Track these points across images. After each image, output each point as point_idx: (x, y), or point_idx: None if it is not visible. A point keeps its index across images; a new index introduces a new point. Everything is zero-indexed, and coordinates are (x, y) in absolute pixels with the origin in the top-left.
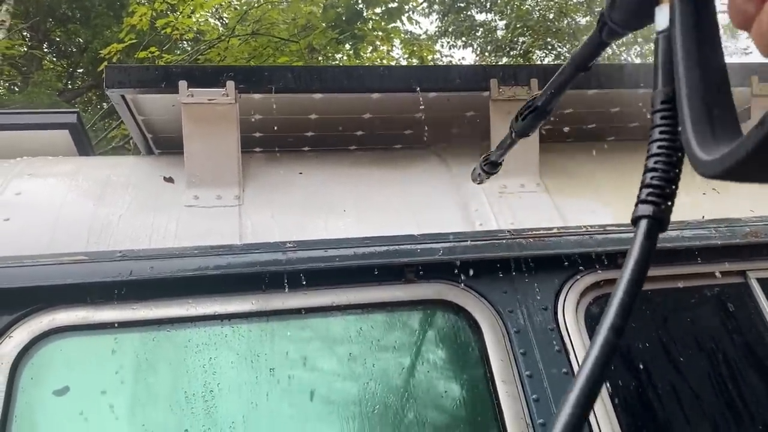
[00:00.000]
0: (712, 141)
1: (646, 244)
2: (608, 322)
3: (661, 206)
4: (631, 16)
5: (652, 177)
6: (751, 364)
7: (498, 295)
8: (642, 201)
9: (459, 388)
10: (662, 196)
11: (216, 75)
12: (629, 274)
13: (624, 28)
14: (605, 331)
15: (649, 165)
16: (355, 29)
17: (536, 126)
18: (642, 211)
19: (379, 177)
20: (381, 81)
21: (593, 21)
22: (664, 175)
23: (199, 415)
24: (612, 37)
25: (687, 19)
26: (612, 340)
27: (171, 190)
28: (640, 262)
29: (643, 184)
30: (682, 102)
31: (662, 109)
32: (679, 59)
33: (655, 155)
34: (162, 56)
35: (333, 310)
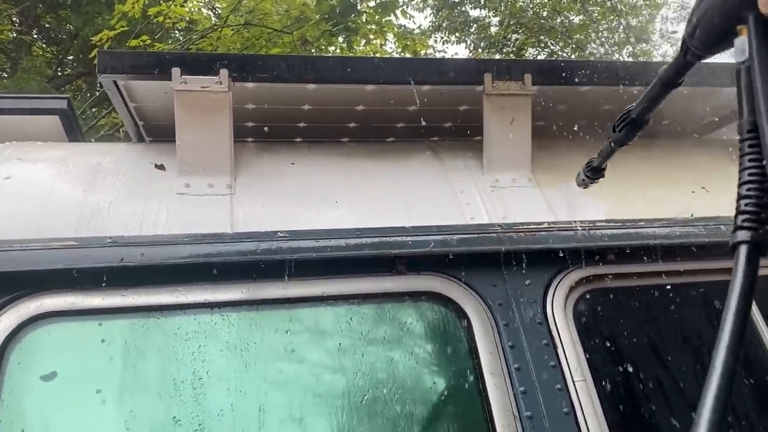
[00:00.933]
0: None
1: (748, 269)
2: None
3: (759, 231)
4: (710, 43)
5: (746, 204)
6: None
7: (488, 288)
8: (739, 227)
9: (447, 380)
10: (758, 221)
11: (210, 63)
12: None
13: (705, 52)
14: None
15: (742, 192)
16: (348, 22)
17: (634, 136)
18: (741, 237)
19: (372, 169)
20: (376, 72)
21: (586, 20)
22: (757, 201)
23: (188, 403)
24: (695, 59)
25: (764, 51)
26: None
27: (162, 178)
28: (744, 287)
29: (738, 211)
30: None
31: (749, 138)
32: (759, 94)
33: (746, 183)
34: (154, 45)
35: (323, 300)
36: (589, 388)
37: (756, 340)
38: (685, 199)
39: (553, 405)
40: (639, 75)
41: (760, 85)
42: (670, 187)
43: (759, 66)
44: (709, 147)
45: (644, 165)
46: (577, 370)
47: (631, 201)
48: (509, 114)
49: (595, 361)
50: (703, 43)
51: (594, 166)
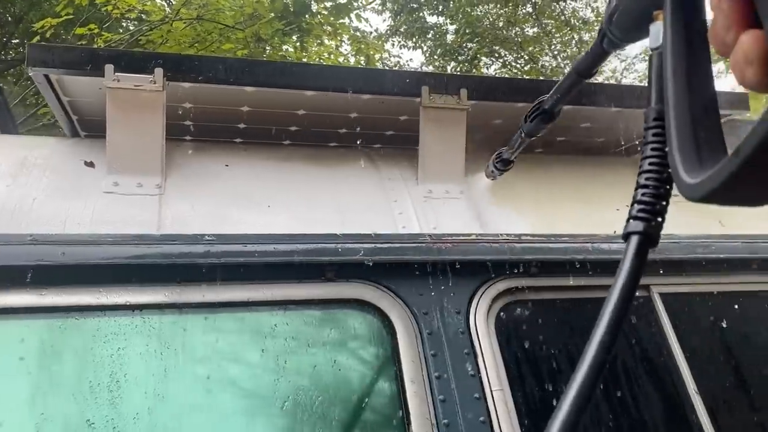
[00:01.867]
0: (698, 164)
1: (636, 260)
2: (597, 338)
3: (652, 222)
4: (628, 29)
5: (643, 193)
6: (648, 374)
7: (414, 297)
8: (633, 217)
9: (369, 387)
10: (653, 213)
11: (144, 61)
12: (619, 290)
13: (622, 40)
14: (595, 347)
15: (640, 181)
16: (302, 22)
17: (543, 127)
18: (633, 227)
19: (307, 174)
20: (314, 80)
21: (540, 33)
22: (654, 191)
23: (103, 406)
24: (612, 47)
25: (677, 37)
26: (601, 357)
27: (91, 175)
28: (630, 277)
29: (634, 200)
30: (669, 123)
31: (654, 126)
32: (668, 79)
33: (646, 171)
34: (102, 34)
35: (249, 306)
36: (506, 397)
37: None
38: (610, 216)
39: (470, 413)
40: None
41: (669, 71)
42: (597, 204)
43: (670, 52)
44: (636, 168)
45: (573, 182)
46: (495, 379)
47: (558, 216)
48: (444, 127)
49: (513, 371)
50: (621, 30)
51: (504, 157)
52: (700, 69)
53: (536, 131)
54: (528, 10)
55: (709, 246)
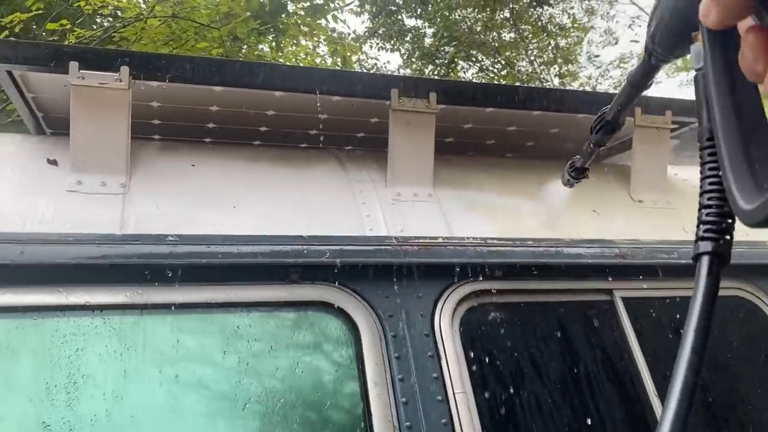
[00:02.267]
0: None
1: (710, 281)
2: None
3: (720, 241)
4: (671, 48)
5: (707, 213)
6: (609, 377)
7: (380, 300)
8: (701, 238)
9: (332, 390)
10: (720, 231)
11: (110, 59)
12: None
13: (668, 56)
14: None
15: (703, 202)
16: (278, 22)
17: (609, 137)
18: (702, 248)
19: (275, 174)
20: (283, 80)
21: (517, 38)
22: (718, 210)
23: (60, 408)
24: (660, 62)
25: (717, 60)
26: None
27: (54, 174)
28: (707, 298)
29: (699, 221)
30: (720, 146)
31: (708, 146)
32: (713, 101)
33: (707, 192)
34: (74, 30)
35: (212, 307)
36: (469, 400)
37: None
38: (577, 220)
39: (432, 416)
40: (541, 99)
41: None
42: (563, 208)
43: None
44: (605, 173)
45: (541, 186)
46: (458, 382)
47: (525, 220)
48: (414, 130)
49: (476, 373)
50: (664, 48)
51: (577, 166)
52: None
53: (603, 141)
54: (505, 15)
55: (672, 251)
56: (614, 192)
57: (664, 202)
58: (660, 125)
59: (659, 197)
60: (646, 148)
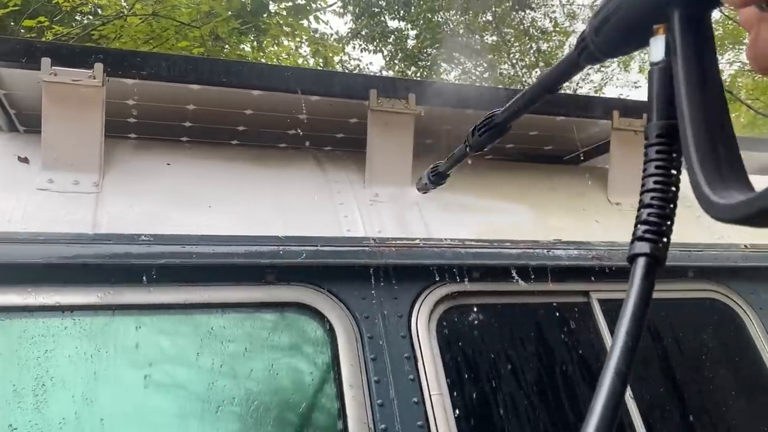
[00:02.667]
0: (720, 180)
1: (645, 283)
2: (612, 368)
3: (659, 244)
4: (617, 42)
5: (648, 213)
6: (585, 379)
7: (356, 301)
8: (639, 238)
9: (307, 392)
10: (659, 233)
11: (84, 55)
12: (630, 315)
13: (606, 54)
14: (610, 378)
15: (645, 200)
16: (259, 22)
17: (492, 141)
18: (639, 249)
19: (252, 175)
20: (260, 79)
21: (499, 41)
22: (660, 211)
23: (28, 410)
24: (590, 61)
25: (688, 52)
26: (618, 387)
27: (25, 171)
28: (640, 301)
29: (638, 220)
30: (687, 139)
31: (658, 143)
32: (683, 94)
33: (651, 190)
34: (52, 27)
35: (186, 308)
36: (445, 401)
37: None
38: (555, 222)
39: (408, 418)
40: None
41: (683, 87)
42: (541, 210)
43: (683, 67)
44: (583, 175)
45: (518, 188)
46: (434, 383)
47: (503, 222)
48: (392, 131)
49: (453, 375)
50: (608, 43)
51: (440, 170)
52: (712, 83)
53: (483, 146)
54: (488, 19)
55: None
56: (592, 194)
57: None
58: (637, 128)
59: (637, 200)
60: (624, 151)
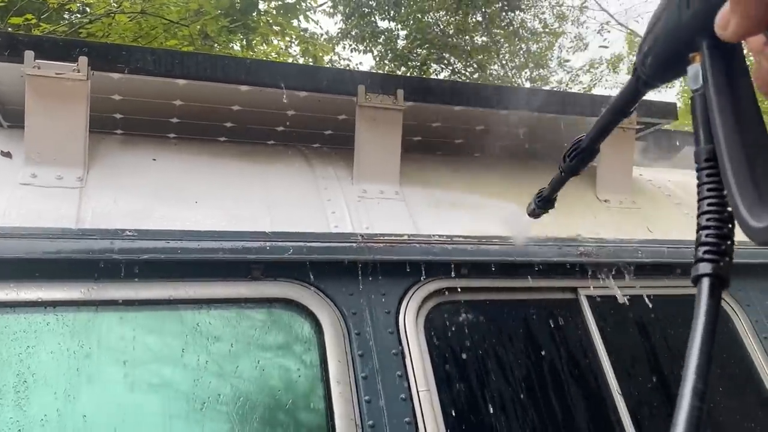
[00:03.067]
0: (759, 205)
1: (711, 303)
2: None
3: (720, 263)
4: (662, 71)
5: (707, 235)
6: (573, 375)
7: (343, 297)
8: (700, 259)
9: (294, 389)
10: (719, 253)
11: (68, 49)
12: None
13: (657, 80)
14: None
15: (702, 222)
16: (249, 20)
17: (585, 164)
18: (702, 270)
19: (239, 170)
20: (247, 74)
21: (489, 41)
22: (718, 232)
23: (8, 407)
24: (646, 88)
25: (719, 79)
26: (698, 405)
27: (7, 166)
28: (708, 321)
29: (698, 242)
30: (724, 165)
31: (707, 167)
32: (716, 120)
33: (706, 213)
34: (39, 25)
35: (171, 304)
36: (432, 398)
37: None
38: (543, 219)
39: (395, 414)
40: (510, 99)
41: (717, 113)
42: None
43: (714, 93)
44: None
45: (507, 185)
46: (422, 379)
47: (491, 218)
48: (380, 127)
49: (440, 371)
50: (655, 71)
51: (544, 196)
52: (747, 106)
53: (577, 170)
54: (478, 19)
55: (635, 251)
56: (580, 192)
57: (630, 202)
58: (626, 126)
59: (624, 197)
60: (612, 149)
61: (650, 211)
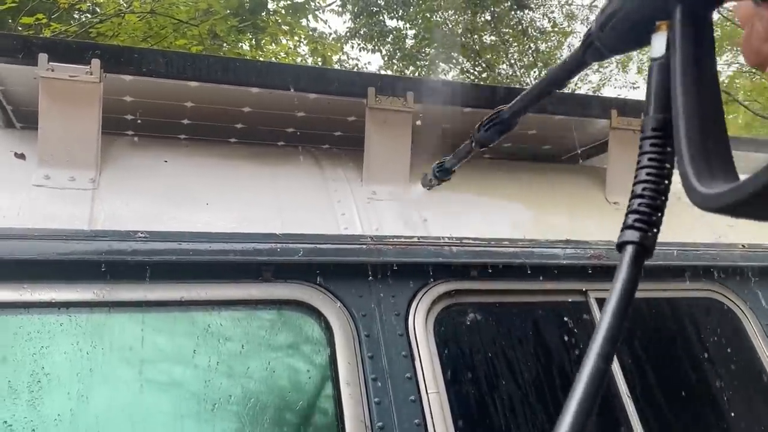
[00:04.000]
0: (708, 173)
1: (632, 270)
2: (596, 349)
3: (648, 233)
4: (622, 39)
5: (639, 204)
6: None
7: (353, 299)
8: (628, 227)
9: (304, 390)
10: (649, 223)
11: (81, 51)
12: (616, 301)
13: (611, 51)
14: (594, 359)
15: (637, 191)
16: (258, 20)
17: (498, 137)
18: (628, 237)
19: (250, 172)
20: (259, 76)
21: (498, 41)
22: (651, 202)
23: (22, 407)
24: (595, 57)
25: (687, 48)
26: (602, 367)
27: (21, 168)
28: (626, 288)
29: (629, 210)
30: (679, 132)
31: (653, 136)
32: (678, 89)
33: (643, 182)
34: (50, 25)
35: (182, 305)
36: (442, 400)
37: None
38: (553, 222)
39: (405, 416)
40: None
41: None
42: (539, 209)
43: (680, 62)
44: (581, 175)
45: (517, 187)
46: (431, 381)
47: (501, 220)
48: (390, 129)
49: (450, 373)
50: (614, 39)
51: (446, 167)
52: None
53: (489, 141)
54: (486, 19)
55: None
56: (590, 194)
57: None
58: (636, 127)
59: None
60: (622, 151)
61: None
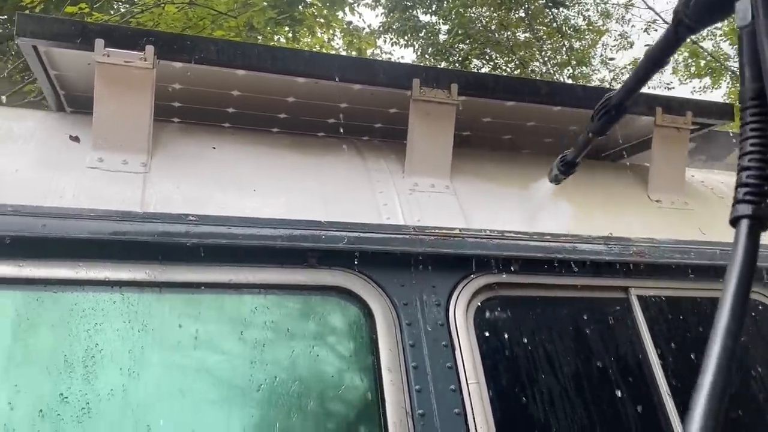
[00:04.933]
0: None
1: (749, 244)
2: (723, 327)
3: (761, 204)
4: (707, 11)
5: (747, 175)
6: (622, 375)
7: (395, 288)
8: (740, 201)
9: (346, 375)
10: (760, 194)
11: (136, 38)
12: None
13: (699, 23)
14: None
15: (743, 163)
16: (295, 12)
17: (613, 123)
18: (741, 211)
19: (295, 161)
20: (305, 66)
21: (532, 38)
22: (760, 172)
23: (77, 381)
24: (687, 33)
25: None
26: (730, 344)
27: (75, 150)
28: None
29: (738, 183)
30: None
31: (752, 105)
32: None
33: (748, 153)
34: (92, 14)
35: (230, 287)
36: (482, 390)
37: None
38: (595, 218)
39: (445, 405)
40: (563, 95)
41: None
42: (583, 205)
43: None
44: (624, 172)
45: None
46: (471, 372)
47: (542, 215)
48: (433, 121)
49: (490, 364)
50: (699, 12)
51: (568, 160)
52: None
53: (604, 129)
54: (521, 15)
55: (688, 252)
56: (632, 191)
57: (682, 203)
58: (680, 126)
59: (677, 198)
60: (666, 149)
61: (703, 212)
